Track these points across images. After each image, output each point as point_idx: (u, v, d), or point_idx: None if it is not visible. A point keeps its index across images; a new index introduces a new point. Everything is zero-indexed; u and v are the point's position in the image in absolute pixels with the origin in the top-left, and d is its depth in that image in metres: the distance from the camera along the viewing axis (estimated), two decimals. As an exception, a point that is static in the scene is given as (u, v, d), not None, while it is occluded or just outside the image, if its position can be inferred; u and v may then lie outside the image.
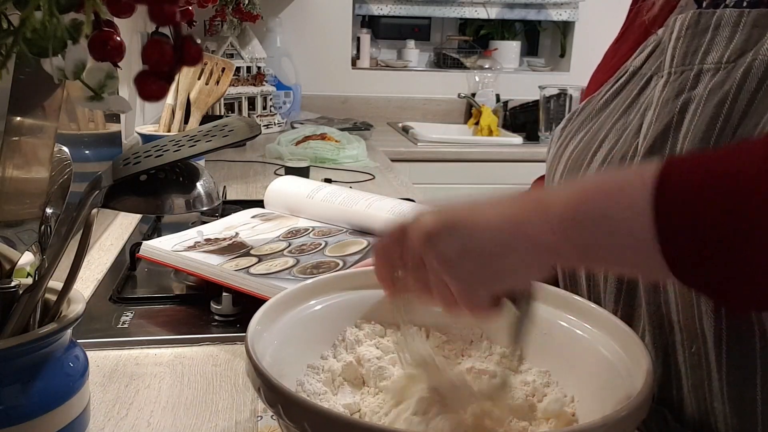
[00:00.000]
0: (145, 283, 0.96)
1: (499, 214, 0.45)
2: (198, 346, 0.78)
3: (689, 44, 0.57)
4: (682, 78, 0.57)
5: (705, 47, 0.56)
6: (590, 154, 0.62)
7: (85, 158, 1.10)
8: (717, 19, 0.56)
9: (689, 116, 0.54)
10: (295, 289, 0.60)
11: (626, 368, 0.50)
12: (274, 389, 0.44)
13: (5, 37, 0.34)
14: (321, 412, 0.43)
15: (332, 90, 2.80)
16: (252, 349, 0.48)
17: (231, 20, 2.22)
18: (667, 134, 0.55)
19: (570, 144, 0.66)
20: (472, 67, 2.92)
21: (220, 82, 1.55)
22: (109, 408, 0.65)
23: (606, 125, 0.63)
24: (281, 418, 0.44)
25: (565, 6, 2.90)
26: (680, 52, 0.58)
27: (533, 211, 0.44)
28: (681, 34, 0.58)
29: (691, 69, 0.56)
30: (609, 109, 0.64)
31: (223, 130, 0.58)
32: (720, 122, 0.52)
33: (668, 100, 0.56)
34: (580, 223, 0.42)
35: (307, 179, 1.25)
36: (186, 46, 0.34)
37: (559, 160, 0.67)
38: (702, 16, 0.57)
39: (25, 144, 0.48)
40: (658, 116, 0.56)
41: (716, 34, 0.55)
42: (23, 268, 0.53)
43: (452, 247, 0.46)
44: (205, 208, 0.57)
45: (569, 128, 0.68)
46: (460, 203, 0.49)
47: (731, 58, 0.54)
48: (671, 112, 0.55)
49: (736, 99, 0.51)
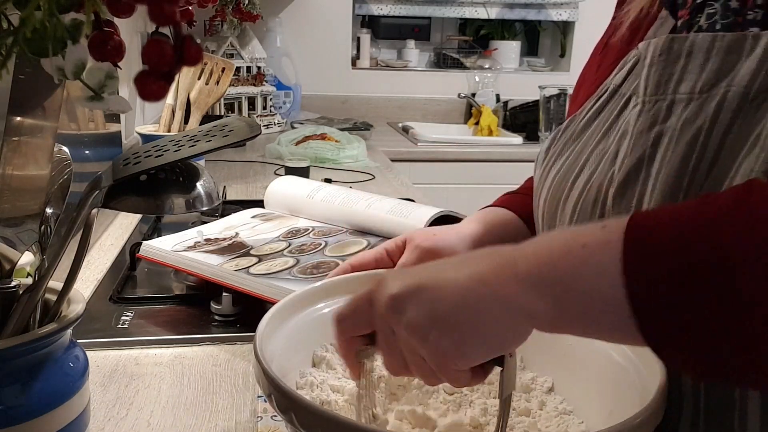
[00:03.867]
0: (145, 283, 0.96)
1: (466, 276, 0.42)
2: (198, 346, 0.78)
3: (662, 72, 0.55)
4: (655, 108, 0.55)
5: (677, 76, 0.54)
6: (571, 180, 0.61)
7: (85, 158, 1.10)
8: (689, 45, 0.54)
9: (662, 150, 0.52)
10: (303, 292, 0.60)
11: (638, 373, 0.50)
12: (286, 396, 0.44)
13: (5, 37, 0.34)
14: (335, 420, 0.42)
15: (332, 90, 2.80)
16: (261, 355, 0.48)
17: (231, 20, 2.22)
18: (640, 167, 0.53)
19: (553, 168, 0.64)
20: (472, 67, 2.92)
21: (220, 82, 1.55)
22: (109, 408, 0.65)
23: (587, 149, 0.61)
24: (293, 425, 0.44)
25: (565, 6, 2.90)
26: (653, 81, 0.55)
27: (500, 268, 0.42)
28: (654, 60, 0.56)
29: (664, 99, 0.54)
30: (590, 131, 0.62)
31: (223, 130, 0.58)
32: (693, 159, 0.50)
33: (642, 132, 0.54)
34: (550, 282, 0.40)
35: (307, 179, 1.25)
36: (186, 46, 0.34)
37: (543, 184, 0.65)
38: (675, 42, 0.55)
39: (25, 144, 0.48)
40: (633, 148, 0.55)
41: (689, 61, 0.53)
42: (23, 268, 0.53)
43: (420, 313, 0.43)
44: (205, 208, 0.57)
45: (553, 150, 0.66)
46: (425, 265, 0.46)
47: (704, 88, 0.52)
48: (644, 144, 0.54)
49: (709, 134, 0.50)
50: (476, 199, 1.41)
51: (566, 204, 0.60)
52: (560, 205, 0.61)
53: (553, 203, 0.62)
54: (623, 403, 0.48)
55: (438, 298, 0.43)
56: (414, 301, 0.43)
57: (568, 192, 0.60)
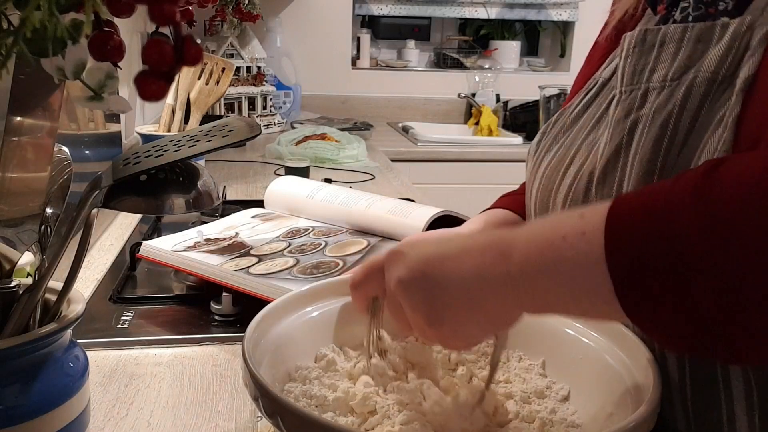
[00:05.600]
0: (145, 283, 0.96)
1: (467, 270, 0.46)
2: (198, 346, 0.78)
3: (636, 63, 0.58)
4: (630, 97, 0.57)
5: (651, 65, 0.56)
6: (562, 171, 0.62)
7: (85, 158, 1.10)
8: (662, 36, 0.56)
9: (637, 136, 0.54)
10: (291, 295, 0.60)
11: (632, 377, 0.50)
12: (273, 399, 0.44)
13: (5, 37, 0.34)
14: (320, 424, 0.42)
15: (332, 90, 2.80)
16: (249, 358, 0.48)
17: (231, 20, 2.22)
18: (618, 154, 0.55)
19: (544, 159, 0.66)
20: (472, 67, 2.92)
21: (220, 82, 1.55)
22: (109, 408, 0.65)
23: (577, 140, 0.63)
24: (279, 429, 0.44)
25: (565, 6, 2.90)
26: (629, 71, 0.58)
27: (496, 261, 0.45)
28: (630, 52, 0.58)
29: (639, 88, 0.57)
30: (580, 123, 0.65)
31: (223, 130, 0.58)
32: (665, 143, 0.52)
33: (619, 120, 0.57)
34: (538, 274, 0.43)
35: (307, 179, 1.25)
36: (186, 46, 0.34)
37: (535, 176, 0.67)
38: (648, 34, 0.57)
39: (25, 144, 0.48)
40: (612, 136, 0.57)
41: (661, 51, 0.56)
42: (23, 268, 0.53)
43: (425, 300, 0.47)
44: (205, 208, 0.57)
45: (544, 142, 0.68)
46: (433, 244, 0.49)
47: (675, 75, 0.54)
48: (621, 132, 0.56)
49: (679, 118, 0.52)
50: (476, 199, 1.41)
51: (558, 193, 0.62)
52: (552, 195, 0.63)
53: (545, 193, 0.64)
54: (618, 406, 0.49)
55: (441, 290, 0.47)
56: (419, 289, 0.48)
57: (560, 181, 0.62)
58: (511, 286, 0.44)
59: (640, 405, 0.44)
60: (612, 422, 0.46)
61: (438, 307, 0.47)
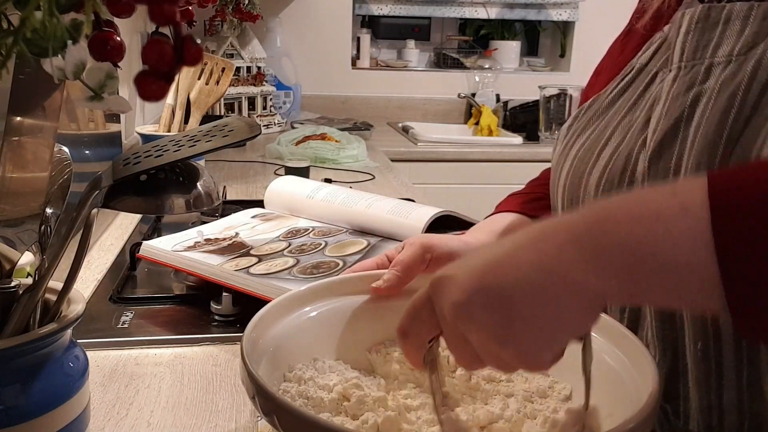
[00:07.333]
0: (145, 283, 0.96)
1: (529, 266, 0.40)
2: (198, 346, 0.78)
3: (699, 38, 0.58)
4: (692, 72, 0.57)
5: (716, 41, 0.56)
6: (596, 152, 0.62)
7: (85, 158, 1.10)
8: (727, 13, 0.56)
9: (700, 109, 0.54)
10: (290, 295, 0.60)
11: (632, 378, 0.50)
12: (269, 398, 0.44)
13: (5, 37, 0.34)
14: (316, 423, 0.42)
15: (332, 90, 2.80)
16: (247, 357, 0.48)
17: (231, 20, 2.22)
18: (677, 128, 0.55)
19: (576, 142, 0.66)
20: (472, 67, 2.92)
21: (220, 82, 1.55)
22: (109, 408, 0.65)
23: (612, 123, 0.63)
24: (275, 428, 0.44)
25: (565, 6, 2.89)
26: (690, 47, 0.58)
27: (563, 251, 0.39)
28: (690, 28, 0.58)
29: (702, 63, 0.57)
30: (615, 107, 0.65)
31: (223, 130, 0.58)
32: (733, 114, 0.52)
33: (678, 94, 0.57)
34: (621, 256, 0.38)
35: (307, 179, 1.25)
36: (186, 46, 0.34)
37: (565, 159, 0.67)
38: (712, 11, 0.57)
39: (25, 144, 0.48)
40: (668, 110, 0.57)
41: (726, 27, 0.56)
42: (23, 268, 0.53)
43: (492, 318, 0.40)
44: (205, 208, 0.57)
45: (576, 126, 0.68)
46: (475, 256, 0.44)
47: (742, 50, 0.54)
48: (682, 105, 0.56)
49: (748, 90, 0.52)
50: (476, 199, 1.42)
51: (591, 176, 0.62)
52: (584, 178, 0.63)
53: (576, 176, 0.64)
54: (618, 406, 0.49)
55: (505, 299, 0.40)
56: (482, 306, 0.41)
57: (593, 164, 0.62)
58: (586, 270, 0.38)
59: (640, 405, 0.44)
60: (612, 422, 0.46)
61: (506, 321, 0.40)
